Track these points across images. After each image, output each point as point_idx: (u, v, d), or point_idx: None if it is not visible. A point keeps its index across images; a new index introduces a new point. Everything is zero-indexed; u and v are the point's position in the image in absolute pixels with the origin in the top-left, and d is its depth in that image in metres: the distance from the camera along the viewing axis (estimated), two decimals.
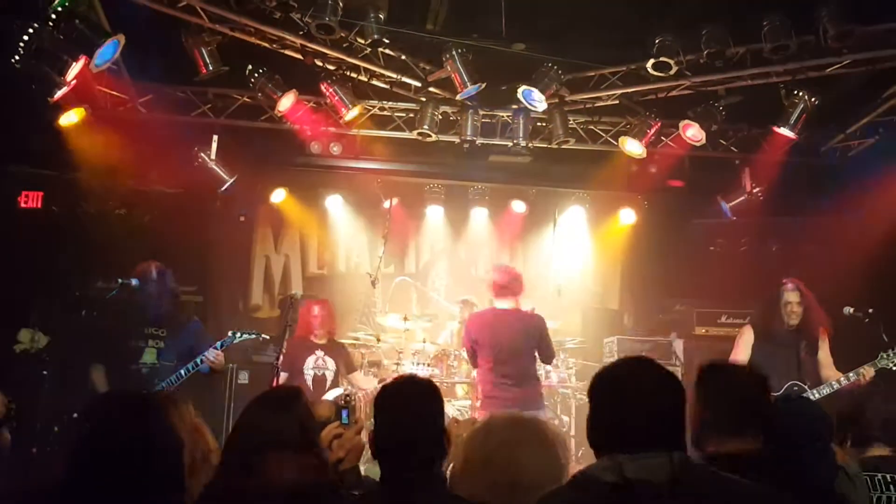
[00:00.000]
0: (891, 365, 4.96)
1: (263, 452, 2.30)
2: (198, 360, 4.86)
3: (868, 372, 4.99)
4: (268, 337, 5.48)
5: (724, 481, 1.78)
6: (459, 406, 6.85)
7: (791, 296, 5.30)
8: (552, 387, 6.91)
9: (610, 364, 2.02)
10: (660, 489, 1.67)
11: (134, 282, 5.05)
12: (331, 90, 6.41)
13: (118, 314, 5.12)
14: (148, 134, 6.68)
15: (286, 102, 6.43)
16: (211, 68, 6.01)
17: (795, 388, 5.05)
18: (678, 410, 1.87)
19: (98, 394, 4.66)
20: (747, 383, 2.49)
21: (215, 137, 6.82)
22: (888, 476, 2.94)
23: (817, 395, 4.98)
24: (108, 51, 5.48)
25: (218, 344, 4.95)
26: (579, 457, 6.41)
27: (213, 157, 6.84)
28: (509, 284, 5.49)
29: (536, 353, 5.52)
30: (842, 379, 5.03)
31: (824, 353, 5.26)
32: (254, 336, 5.27)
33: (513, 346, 5.32)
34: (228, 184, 6.94)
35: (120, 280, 5.12)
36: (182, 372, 4.85)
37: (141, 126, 6.72)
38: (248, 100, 6.86)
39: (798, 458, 2.52)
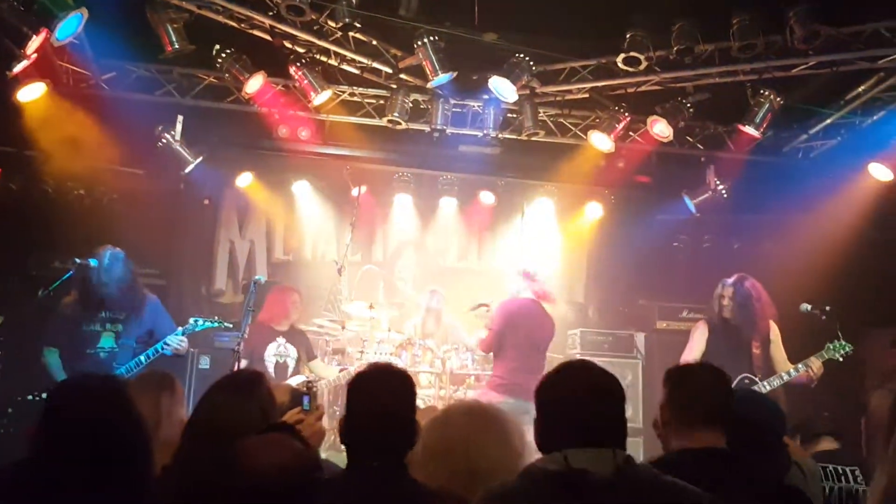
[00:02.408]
0: (836, 356, 5.10)
1: (216, 436, 2.28)
2: (159, 347, 4.77)
3: (816, 363, 5.11)
4: (230, 325, 5.38)
5: (662, 480, 1.85)
6: (423, 395, 6.86)
7: (726, 290, 5.44)
8: None
9: (553, 370, 2.08)
10: (603, 480, 1.74)
11: (92, 262, 4.94)
12: (300, 73, 6.32)
13: (74, 296, 5.00)
14: (110, 112, 6.52)
15: (254, 84, 6.33)
16: (177, 46, 5.87)
17: (746, 381, 5.17)
18: (619, 411, 1.97)
19: (64, 377, 4.54)
20: (713, 383, 2.54)
21: (180, 118, 6.69)
22: (839, 467, 3.00)
23: (768, 387, 5.09)
24: (71, 24, 5.33)
25: (180, 330, 4.87)
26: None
27: (177, 137, 6.71)
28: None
29: None
30: (791, 371, 5.16)
31: (777, 348, 5.39)
32: (216, 325, 5.19)
33: (545, 338, 5.93)
34: (193, 165, 6.82)
35: (77, 260, 5.01)
36: (142, 357, 4.76)
37: (103, 104, 6.56)
38: (214, 80, 6.73)
39: (752, 451, 2.56)
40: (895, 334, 7.01)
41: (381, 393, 2.27)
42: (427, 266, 8.34)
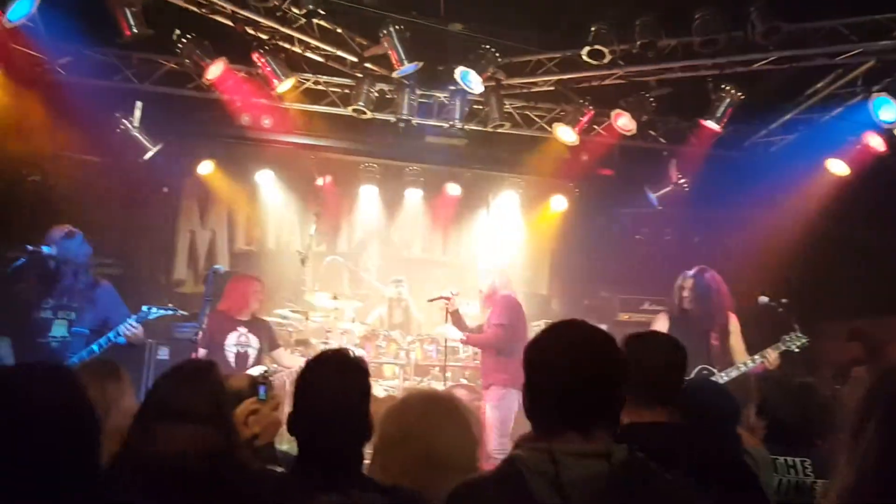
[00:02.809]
0: (793, 347, 5.19)
1: (165, 422, 2.23)
2: (111, 335, 4.66)
3: (772, 355, 5.20)
4: (186, 313, 5.27)
5: (655, 487, 1.68)
6: (387, 386, 6.85)
7: (686, 282, 5.50)
8: (478, 367, 6.96)
9: (545, 330, 1.87)
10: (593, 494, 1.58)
11: (45, 249, 4.81)
12: (263, 60, 6.21)
13: (25, 284, 4.85)
14: (67, 97, 6.34)
15: (215, 71, 6.21)
16: (135, 31, 5.72)
17: (705, 372, 5.23)
18: (616, 381, 1.75)
19: (9, 364, 4.41)
20: (669, 352, 2.48)
21: (139, 104, 6.55)
22: (790, 459, 3.02)
23: (725, 378, 5.15)
24: (24, 6, 5.19)
25: (133, 318, 4.76)
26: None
27: (136, 124, 6.57)
28: None
29: None
30: (748, 362, 5.24)
31: (735, 339, 5.47)
32: (170, 312, 5.09)
33: None
34: (152, 152, 6.68)
35: (29, 247, 4.87)
36: (95, 347, 4.65)
37: (59, 89, 6.37)
38: (174, 66, 6.59)
39: (706, 437, 2.58)
40: (851, 328, 7.17)
41: (331, 383, 2.16)
42: (392, 257, 8.31)
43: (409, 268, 8.14)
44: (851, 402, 1.39)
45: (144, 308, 4.90)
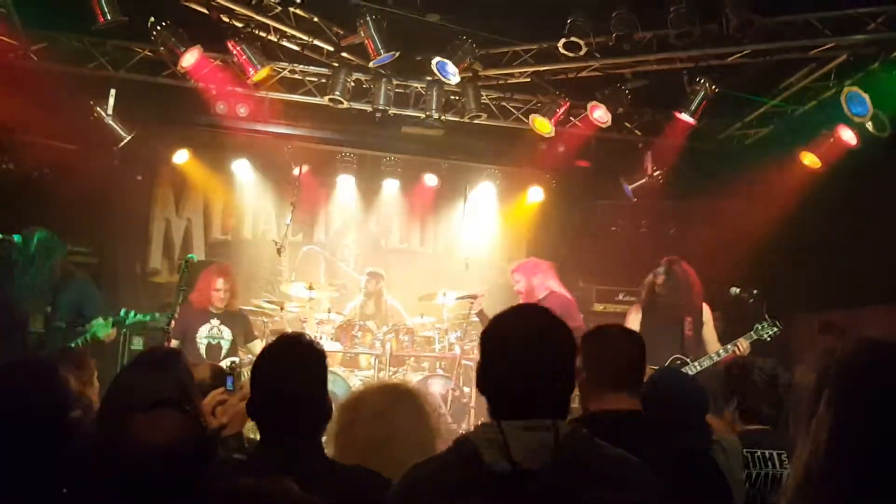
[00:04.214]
0: (765, 336, 5.25)
1: (136, 410, 2.23)
2: (87, 336, 4.64)
3: (743, 344, 5.26)
4: (167, 317, 5.21)
5: (602, 457, 1.72)
6: (363, 376, 6.86)
7: (658, 276, 5.56)
8: (455, 358, 6.99)
9: (503, 313, 1.89)
10: (539, 475, 1.61)
11: (15, 238, 4.78)
12: (238, 48, 6.18)
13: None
14: (40, 85, 6.27)
15: (190, 58, 6.16)
16: (109, 18, 5.67)
17: (678, 362, 5.29)
18: (567, 367, 1.79)
19: None
20: (627, 344, 2.52)
21: (112, 91, 6.49)
22: (766, 452, 3.01)
23: (698, 368, 5.21)
24: None
25: (110, 321, 4.75)
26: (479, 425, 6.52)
27: (109, 111, 6.51)
28: None
29: None
30: (720, 351, 5.30)
31: (708, 330, 5.52)
32: (148, 319, 5.08)
33: None
34: (125, 141, 6.63)
35: (1, 235, 4.84)
36: (72, 346, 4.62)
37: (33, 76, 6.30)
38: (149, 53, 6.54)
39: (673, 426, 2.61)
40: (822, 320, 7.26)
41: (287, 368, 2.17)
42: (369, 247, 8.32)
43: (386, 258, 8.15)
44: (806, 377, 1.42)
45: (123, 312, 4.90)
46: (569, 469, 1.62)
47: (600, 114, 6.66)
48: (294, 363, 2.17)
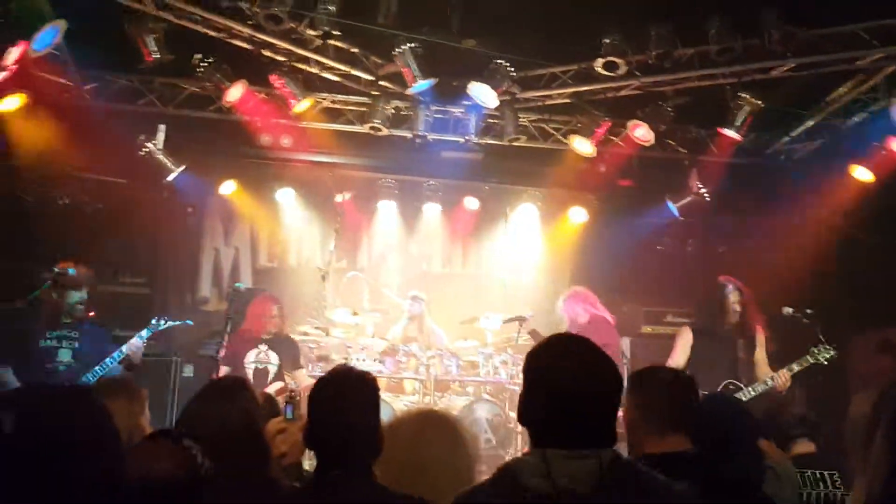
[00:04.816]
0: (821, 360, 5.07)
1: (202, 441, 2.25)
2: (115, 356, 4.75)
3: (785, 374, 5.07)
4: (191, 322, 5.34)
5: (646, 484, 1.72)
6: (408, 402, 6.86)
7: (732, 295, 5.39)
8: (500, 382, 6.94)
9: (545, 341, 1.89)
10: (583, 498, 1.62)
11: (70, 271, 4.95)
12: (280, 81, 6.33)
13: (31, 312, 4.98)
14: (93, 122, 6.55)
15: (235, 93, 6.34)
16: (157, 56, 5.89)
17: (731, 387, 5.12)
18: (611, 399, 1.78)
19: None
20: (676, 385, 2.53)
21: (162, 126, 6.71)
22: (817, 472, 2.96)
23: (752, 393, 5.04)
24: (48, 36, 5.39)
25: (144, 333, 4.86)
26: (525, 451, 6.45)
27: (159, 146, 6.72)
28: None
29: None
30: (775, 376, 5.12)
31: (760, 352, 5.35)
32: (178, 323, 5.20)
33: None
34: (175, 174, 6.83)
35: (56, 269, 5.01)
36: (99, 369, 4.73)
37: (86, 114, 6.58)
38: (196, 89, 6.75)
39: (723, 456, 2.55)
40: (879, 339, 6.98)
41: (341, 400, 2.22)
42: (411, 272, 8.35)
43: (428, 282, 8.16)
44: (863, 407, 1.39)
45: (154, 321, 5.02)
46: (612, 492, 1.63)
47: (642, 132, 6.60)
48: (349, 393, 2.23)
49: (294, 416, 2.70)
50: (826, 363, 5.17)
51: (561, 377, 1.75)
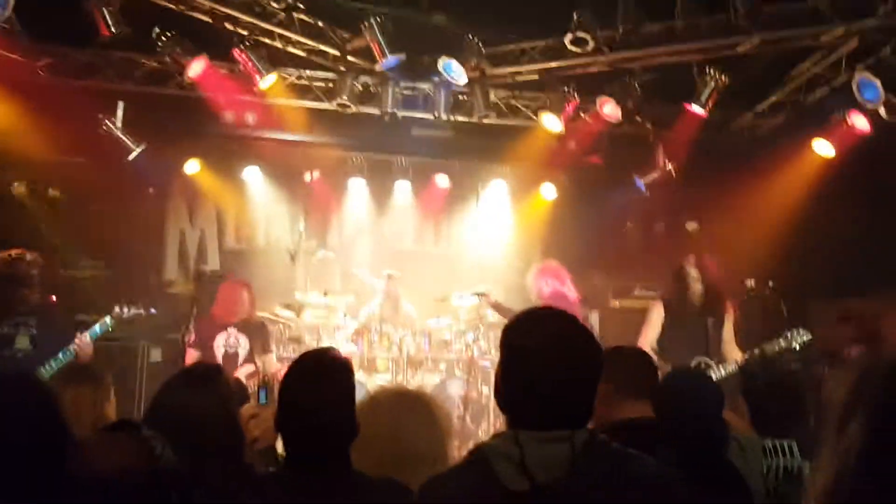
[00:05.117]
0: (794, 345, 5.05)
1: (181, 430, 2.20)
2: (63, 355, 4.60)
3: (765, 352, 5.10)
4: (154, 311, 5.22)
5: (621, 466, 1.65)
6: (381, 380, 6.86)
7: (693, 272, 5.43)
8: (473, 359, 6.97)
9: (521, 316, 1.80)
10: (554, 486, 1.57)
11: (28, 257, 4.80)
12: (244, 57, 6.17)
13: None
14: (48, 100, 6.29)
15: (196, 68, 6.17)
16: (114, 30, 5.69)
17: (703, 365, 5.14)
18: (591, 377, 1.71)
19: None
20: (645, 360, 2.74)
21: (121, 104, 6.50)
22: (779, 442, 3.00)
23: (722, 373, 5.05)
24: None
25: (96, 329, 4.73)
26: (497, 427, 6.51)
27: (118, 124, 6.52)
28: None
29: None
30: (744, 355, 5.16)
31: (728, 330, 5.38)
32: (140, 312, 5.08)
33: None
34: (136, 153, 6.64)
35: (13, 253, 4.84)
36: (53, 363, 4.59)
37: (40, 91, 6.33)
38: (155, 65, 6.55)
39: (687, 426, 2.60)
40: (840, 309, 7.17)
41: (313, 384, 2.16)
42: (383, 251, 8.29)
43: (401, 260, 8.12)
44: (838, 391, 1.32)
45: (117, 309, 4.90)
46: (584, 482, 1.58)
47: (610, 109, 6.61)
48: (321, 377, 2.17)
49: (268, 401, 2.65)
50: (798, 348, 5.16)
51: (535, 355, 1.67)
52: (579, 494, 1.57)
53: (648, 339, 5.33)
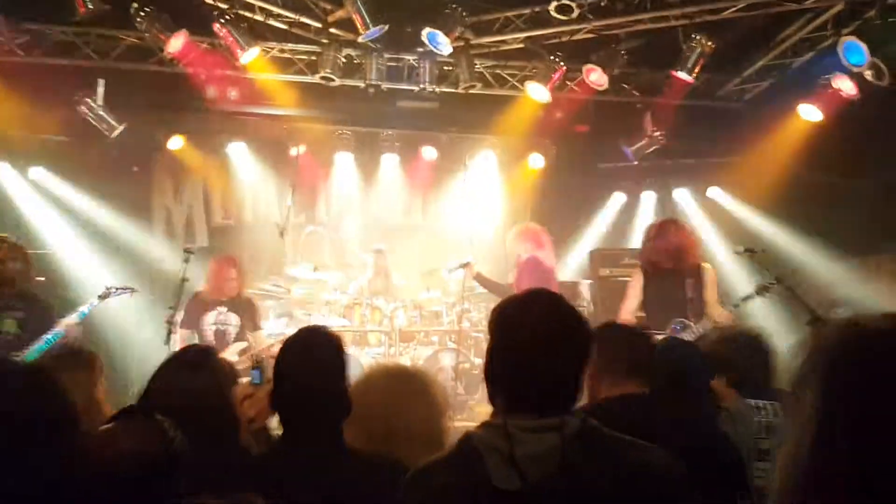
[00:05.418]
0: (763, 294, 5.14)
1: (175, 416, 2.20)
2: (52, 338, 4.58)
3: (724, 313, 5.15)
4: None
5: (612, 453, 1.63)
6: (373, 354, 6.90)
7: (673, 237, 5.43)
8: (465, 330, 7.02)
9: (513, 299, 1.79)
10: (546, 484, 1.54)
11: (11, 239, 4.76)
12: (224, 31, 6.06)
13: None
14: (28, 78, 6.21)
15: (176, 44, 6.06)
16: (90, 6, 5.59)
17: (679, 326, 5.20)
18: (581, 361, 1.69)
19: None
20: (638, 339, 2.64)
21: (101, 81, 6.40)
22: (759, 402, 3.04)
23: (700, 331, 5.10)
24: None
25: (84, 310, 4.71)
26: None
27: (99, 102, 6.43)
28: None
29: None
30: (721, 314, 5.22)
31: (711, 292, 5.39)
32: (128, 291, 5.06)
33: None
34: (118, 131, 6.56)
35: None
36: (41, 346, 4.57)
37: (19, 70, 6.23)
38: (135, 41, 6.43)
39: (676, 397, 2.63)
40: (831, 271, 7.23)
41: (306, 361, 2.18)
42: (372, 224, 8.28)
43: (390, 234, 8.12)
44: (797, 360, 1.26)
45: (105, 288, 4.89)
46: (577, 477, 1.55)
47: (596, 76, 6.55)
48: (314, 354, 2.18)
49: (262, 381, 2.65)
50: (766, 296, 5.21)
51: (524, 337, 1.65)
52: (572, 491, 1.55)
53: (630, 308, 5.34)
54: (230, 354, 5.36)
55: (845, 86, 6.03)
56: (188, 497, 1.60)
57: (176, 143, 7.31)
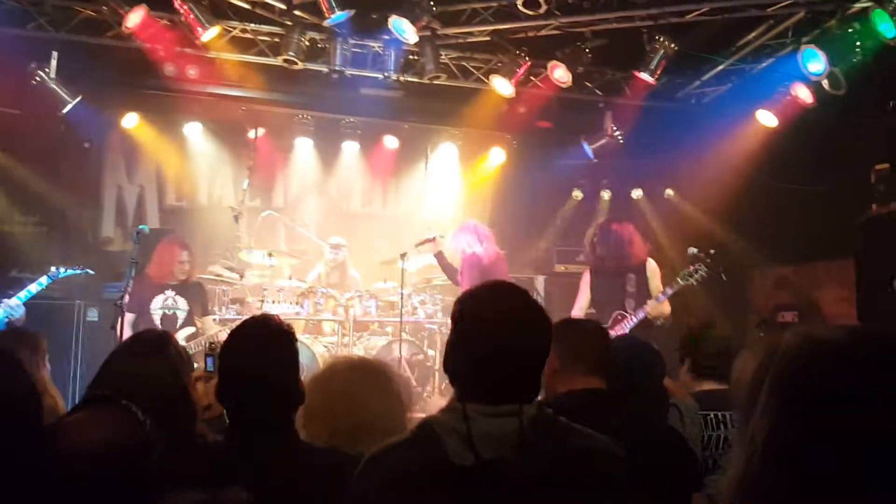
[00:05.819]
0: (692, 281, 5.38)
1: (135, 401, 2.12)
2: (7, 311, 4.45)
3: (667, 293, 5.40)
4: (92, 272, 5.08)
5: (567, 441, 1.68)
6: (327, 343, 6.83)
7: (594, 233, 5.80)
8: (419, 322, 7.01)
9: (479, 287, 1.81)
10: (502, 466, 1.57)
11: None
12: (185, 7, 5.90)
13: None
14: None
15: (135, 18, 5.87)
16: None
17: (620, 317, 5.50)
18: (541, 352, 1.73)
19: None
20: (590, 333, 2.66)
21: (55, 54, 6.18)
22: (720, 414, 3.08)
23: (635, 320, 5.40)
24: None
25: (30, 290, 4.56)
26: (443, 389, 6.58)
27: (52, 75, 6.21)
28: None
29: None
30: (651, 301, 5.41)
31: (655, 285, 5.62)
32: (79, 272, 4.92)
33: None
34: (71, 105, 6.35)
35: None
36: None
37: None
38: (92, 13, 6.21)
39: (628, 392, 2.66)
40: (777, 276, 7.41)
41: (254, 352, 2.10)
42: (330, 211, 8.20)
43: (348, 222, 8.06)
44: (746, 371, 1.24)
45: (53, 269, 4.74)
46: (531, 457, 1.59)
47: (560, 73, 6.58)
48: (263, 346, 2.11)
49: (216, 368, 2.60)
50: (696, 284, 5.43)
51: (487, 328, 1.68)
52: (523, 469, 1.57)
53: (581, 305, 5.71)
54: (178, 340, 5.25)
55: (803, 93, 6.17)
56: (171, 493, 1.54)
57: (131, 120, 7.12)
